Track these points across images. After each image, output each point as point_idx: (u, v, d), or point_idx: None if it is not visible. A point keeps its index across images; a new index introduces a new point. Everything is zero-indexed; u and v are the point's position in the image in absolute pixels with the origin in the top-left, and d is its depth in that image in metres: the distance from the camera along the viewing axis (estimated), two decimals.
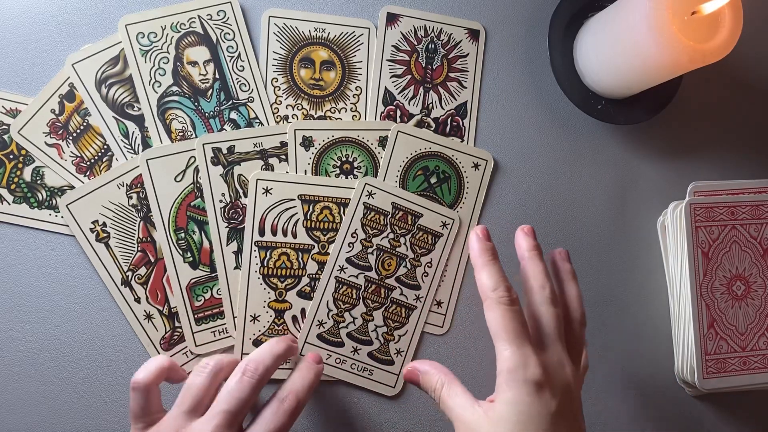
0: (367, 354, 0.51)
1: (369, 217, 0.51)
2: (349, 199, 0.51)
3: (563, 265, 0.46)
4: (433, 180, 0.53)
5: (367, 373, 0.51)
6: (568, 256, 0.46)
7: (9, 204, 0.49)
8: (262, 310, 0.50)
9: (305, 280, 0.50)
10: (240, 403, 0.41)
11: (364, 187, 0.51)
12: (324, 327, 0.50)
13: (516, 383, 0.38)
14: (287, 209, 0.51)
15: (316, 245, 0.51)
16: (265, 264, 0.50)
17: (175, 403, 0.42)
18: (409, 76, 0.53)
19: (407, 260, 0.52)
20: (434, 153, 0.53)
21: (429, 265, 0.52)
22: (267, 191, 0.50)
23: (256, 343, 0.50)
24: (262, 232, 0.50)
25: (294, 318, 0.50)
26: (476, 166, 0.53)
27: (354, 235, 0.51)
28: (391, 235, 0.51)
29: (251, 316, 0.50)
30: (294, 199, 0.51)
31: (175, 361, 0.44)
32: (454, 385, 0.42)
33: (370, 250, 0.51)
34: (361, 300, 0.51)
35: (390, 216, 0.51)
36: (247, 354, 0.48)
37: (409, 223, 0.52)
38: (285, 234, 0.50)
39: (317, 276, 0.51)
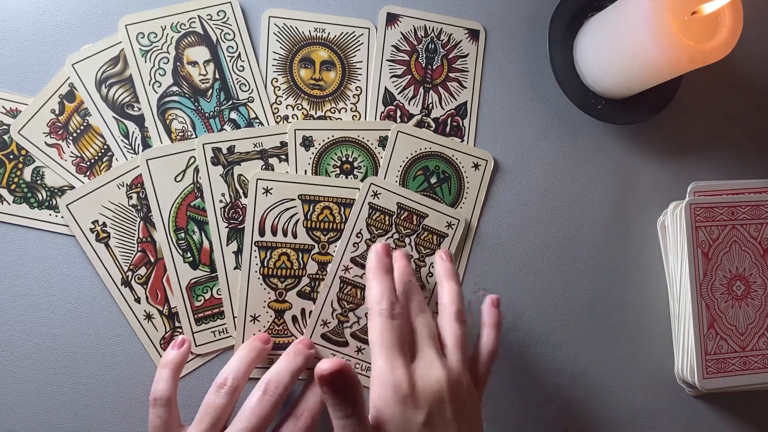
0: None
1: (374, 217, 0.51)
2: (350, 198, 0.51)
3: (440, 264, 0.47)
4: (433, 180, 0.53)
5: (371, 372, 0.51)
6: (449, 256, 0.48)
7: (9, 204, 0.49)
8: (262, 310, 0.50)
9: (305, 280, 0.50)
10: (261, 421, 0.43)
11: (370, 186, 0.51)
12: (328, 327, 0.50)
13: (385, 392, 0.39)
14: (287, 209, 0.50)
15: (316, 245, 0.51)
16: (265, 264, 0.50)
17: (195, 420, 0.44)
18: (409, 76, 0.53)
19: (412, 261, 0.51)
20: (434, 153, 0.53)
21: (433, 265, 0.52)
22: (267, 191, 0.50)
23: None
24: (262, 232, 0.50)
25: (294, 318, 0.50)
26: (476, 166, 0.53)
27: (359, 235, 0.51)
28: (396, 236, 0.51)
29: (251, 316, 0.50)
30: (294, 199, 0.51)
31: (179, 355, 0.46)
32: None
33: None
34: (365, 300, 0.51)
35: (395, 216, 0.51)
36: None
37: (414, 223, 0.52)
38: (285, 234, 0.50)
39: (317, 276, 0.51)
